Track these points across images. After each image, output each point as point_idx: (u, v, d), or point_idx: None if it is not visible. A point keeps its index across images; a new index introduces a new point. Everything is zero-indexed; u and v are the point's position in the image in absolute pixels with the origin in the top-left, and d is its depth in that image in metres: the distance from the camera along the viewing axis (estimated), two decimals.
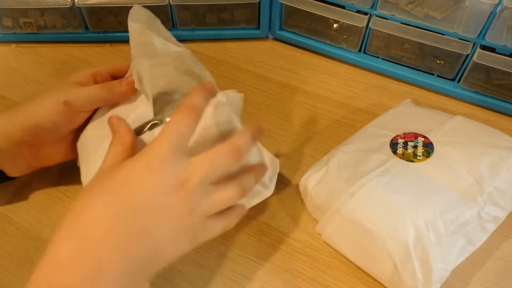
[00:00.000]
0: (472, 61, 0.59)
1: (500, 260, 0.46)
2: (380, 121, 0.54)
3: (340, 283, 0.45)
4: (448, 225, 0.42)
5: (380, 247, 0.41)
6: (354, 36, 0.67)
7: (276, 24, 0.71)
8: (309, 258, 0.46)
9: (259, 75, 0.67)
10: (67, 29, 0.70)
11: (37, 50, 0.71)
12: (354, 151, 0.49)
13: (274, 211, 0.50)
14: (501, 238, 0.47)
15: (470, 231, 0.43)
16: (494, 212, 0.44)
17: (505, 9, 0.54)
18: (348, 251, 0.45)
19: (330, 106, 0.62)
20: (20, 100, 0.62)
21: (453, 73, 0.64)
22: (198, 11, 0.70)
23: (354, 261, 0.45)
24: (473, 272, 0.45)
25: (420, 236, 0.41)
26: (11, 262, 0.45)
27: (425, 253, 0.40)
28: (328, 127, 0.60)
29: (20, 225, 0.48)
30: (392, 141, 0.49)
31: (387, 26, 0.63)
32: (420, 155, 0.46)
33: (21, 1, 0.67)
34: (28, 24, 0.70)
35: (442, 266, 0.41)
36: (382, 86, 0.66)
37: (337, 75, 0.68)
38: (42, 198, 0.51)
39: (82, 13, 0.68)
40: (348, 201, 0.44)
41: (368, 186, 0.44)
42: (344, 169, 0.47)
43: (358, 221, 0.43)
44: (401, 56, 0.66)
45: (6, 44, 0.72)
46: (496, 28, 0.56)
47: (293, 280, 0.45)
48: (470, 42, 0.59)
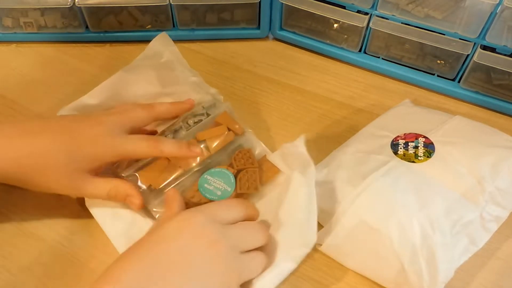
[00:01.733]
0: (473, 61, 0.59)
1: (501, 260, 0.46)
2: (380, 122, 0.54)
3: (340, 283, 0.45)
4: (452, 226, 0.42)
5: (387, 247, 0.41)
6: (354, 36, 0.67)
7: (276, 24, 0.71)
8: (309, 258, 0.46)
9: (259, 75, 0.67)
10: (67, 29, 0.70)
11: (37, 50, 0.71)
12: (355, 152, 0.49)
13: None
14: (502, 238, 0.47)
15: (473, 231, 0.43)
16: (495, 212, 0.44)
17: (505, 9, 0.54)
18: (350, 257, 0.45)
19: (330, 106, 0.62)
20: (20, 100, 0.62)
21: (453, 73, 0.64)
22: (198, 11, 0.70)
23: (354, 268, 0.45)
24: (474, 272, 0.45)
25: (426, 236, 0.41)
26: (11, 262, 0.45)
27: (431, 253, 0.40)
28: (328, 127, 0.59)
29: (20, 225, 0.48)
30: (393, 142, 0.49)
31: (387, 26, 0.63)
32: (421, 155, 0.46)
33: (21, 1, 0.66)
34: (28, 24, 0.70)
35: (447, 266, 0.41)
36: (382, 86, 0.66)
37: (337, 75, 0.68)
38: (42, 198, 0.51)
39: (83, 13, 0.68)
40: (354, 202, 0.44)
41: (373, 186, 0.44)
42: (345, 170, 0.47)
43: (365, 222, 0.43)
44: (401, 56, 0.66)
45: (6, 44, 0.72)
46: (497, 28, 0.56)
47: (293, 280, 0.45)
48: (470, 42, 0.59)
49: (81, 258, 0.46)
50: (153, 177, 0.48)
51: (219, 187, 0.47)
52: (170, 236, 0.38)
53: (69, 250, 0.46)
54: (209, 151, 0.50)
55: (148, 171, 0.49)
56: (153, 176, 0.48)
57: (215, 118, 0.53)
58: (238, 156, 0.50)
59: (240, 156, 0.50)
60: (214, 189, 0.47)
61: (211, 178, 0.48)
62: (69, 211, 0.49)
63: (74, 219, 0.49)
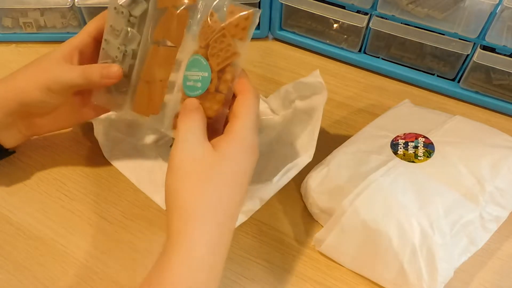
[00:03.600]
0: (472, 61, 0.59)
1: (501, 260, 0.46)
2: (380, 122, 0.54)
3: (340, 283, 0.45)
4: (452, 226, 0.42)
5: (386, 247, 0.41)
6: (354, 36, 0.67)
7: (276, 24, 0.71)
8: (309, 258, 0.46)
9: (259, 75, 0.67)
10: (67, 29, 0.70)
11: (37, 50, 0.71)
12: (355, 152, 0.49)
13: (274, 211, 0.50)
14: (502, 238, 0.47)
15: (473, 231, 0.43)
16: (495, 212, 0.44)
17: (505, 9, 0.54)
18: (349, 257, 0.45)
19: (330, 106, 0.62)
20: None
21: (453, 73, 0.64)
22: None
23: (353, 268, 0.45)
24: (474, 272, 0.45)
25: (425, 236, 0.41)
26: (11, 262, 0.45)
27: (431, 253, 0.40)
28: (328, 127, 0.59)
29: (20, 225, 0.48)
30: (393, 141, 0.49)
31: (387, 26, 0.63)
32: (421, 155, 0.46)
33: (21, 1, 0.67)
34: (28, 24, 0.70)
35: (447, 266, 0.41)
36: (382, 86, 0.66)
37: (337, 75, 0.68)
38: (42, 198, 0.51)
39: (82, 13, 0.68)
40: (354, 202, 0.44)
41: (372, 186, 0.44)
42: (345, 170, 0.47)
43: (365, 222, 0.43)
44: (401, 56, 0.66)
45: (6, 44, 0.72)
46: (496, 28, 0.56)
47: (293, 280, 0.45)
48: (470, 42, 0.59)
49: (80, 258, 0.46)
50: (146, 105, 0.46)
51: (197, 77, 0.42)
52: (237, 161, 0.39)
53: (69, 250, 0.46)
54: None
55: (136, 101, 0.46)
56: (146, 105, 0.46)
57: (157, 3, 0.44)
58: (204, 29, 0.42)
59: (206, 28, 0.42)
60: (194, 83, 0.42)
61: (189, 72, 0.42)
62: (69, 212, 0.49)
63: (74, 220, 0.49)
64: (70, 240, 0.47)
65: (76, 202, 0.50)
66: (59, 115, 0.50)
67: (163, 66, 0.45)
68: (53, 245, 0.47)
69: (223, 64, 0.41)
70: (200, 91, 0.41)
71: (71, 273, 0.45)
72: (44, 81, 0.46)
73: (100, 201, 0.51)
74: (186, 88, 0.42)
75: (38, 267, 0.45)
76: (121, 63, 0.46)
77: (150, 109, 0.46)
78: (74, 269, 0.45)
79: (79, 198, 0.51)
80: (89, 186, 0.52)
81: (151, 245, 0.47)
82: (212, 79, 0.41)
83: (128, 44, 0.45)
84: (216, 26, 0.41)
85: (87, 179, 0.53)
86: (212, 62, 0.41)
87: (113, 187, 0.52)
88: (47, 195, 0.51)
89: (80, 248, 0.46)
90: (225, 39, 0.40)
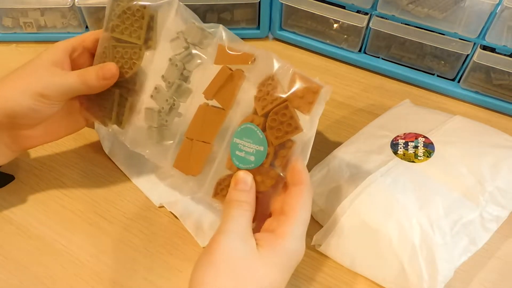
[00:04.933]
0: (472, 61, 0.59)
1: (501, 260, 0.46)
2: (380, 122, 0.54)
3: (340, 283, 0.45)
4: (452, 226, 0.42)
5: (386, 247, 0.41)
6: (354, 36, 0.67)
7: (276, 24, 0.71)
8: (309, 258, 0.46)
9: None
10: (67, 29, 0.70)
11: (37, 50, 0.70)
12: (355, 152, 0.49)
13: None
14: (502, 238, 0.47)
15: (473, 231, 0.43)
16: (495, 211, 0.44)
17: (505, 9, 0.54)
18: (349, 257, 0.44)
19: (330, 106, 0.62)
20: None
21: (453, 73, 0.64)
22: (198, 11, 0.70)
23: (353, 268, 0.45)
24: (474, 272, 0.45)
25: (425, 236, 0.41)
26: (11, 262, 0.45)
27: (431, 253, 0.40)
28: (328, 127, 0.59)
29: (20, 225, 0.48)
30: (393, 141, 0.49)
31: (387, 26, 0.63)
32: (421, 155, 0.46)
33: (21, 1, 0.67)
34: (28, 24, 0.70)
35: (447, 266, 0.41)
36: (382, 86, 0.66)
37: (337, 75, 0.68)
38: (42, 198, 0.51)
39: (82, 13, 0.68)
40: (353, 201, 0.44)
41: (372, 186, 0.44)
42: (345, 170, 0.47)
43: (364, 222, 0.43)
44: (401, 56, 0.66)
45: (6, 44, 0.72)
46: (496, 28, 0.56)
47: (293, 280, 0.45)
48: (470, 42, 0.59)
49: (80, 258, 0.46)
50: (187, 164, 0.43)
51: (250, 150, 0.38)
52: (278, 269, 0.36)
53: (69, 249, 0.46)
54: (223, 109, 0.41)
55: (178, 157, 0.44)
56: (187, 163, 0.43)
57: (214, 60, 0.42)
58: (260, 93, 0.38)
59: (263, 93, 0.38)
60: (246, 155, 0.38)
61: (240, 141, 0.39)
62: (69, 211, 0.49)
63: (75, 219, 0.49)
64: (70, 239, 0.47)
65: (76, 202, 0.50)
66: (48, 126, 0.48)
67: (208, 128, 0.42)
68: (53, 245, 0.47)
69: (283, 139, 0.37)
70: (253, 165, 0.38)
71: (71, 272, 0.45)
72: (35, 88, 0.44)
73: (100, 200, 0.51)
74: (236, 158, 0.39)
75: (38, 267, 0.45)
76: (167, 115, 0.45)
77: (191, 169, 0.43)
78: (74, 269, 0.45)
79: (79, 197, 0.51)
80: (89, 186, 0.52)
81: (151, 245, 0.47)
82: (268, 153, 0.37)
83: (178, 97, 0.45)
84: (275, 92, 0.37)
85: (87, 178, 0.53)
86: (269, 135, 0.37)
87: (113, 187, 0.52)
88: (47, 195, 0.51)
89: (80, 247, 0.46)
90: (287, 111, 0.37)
